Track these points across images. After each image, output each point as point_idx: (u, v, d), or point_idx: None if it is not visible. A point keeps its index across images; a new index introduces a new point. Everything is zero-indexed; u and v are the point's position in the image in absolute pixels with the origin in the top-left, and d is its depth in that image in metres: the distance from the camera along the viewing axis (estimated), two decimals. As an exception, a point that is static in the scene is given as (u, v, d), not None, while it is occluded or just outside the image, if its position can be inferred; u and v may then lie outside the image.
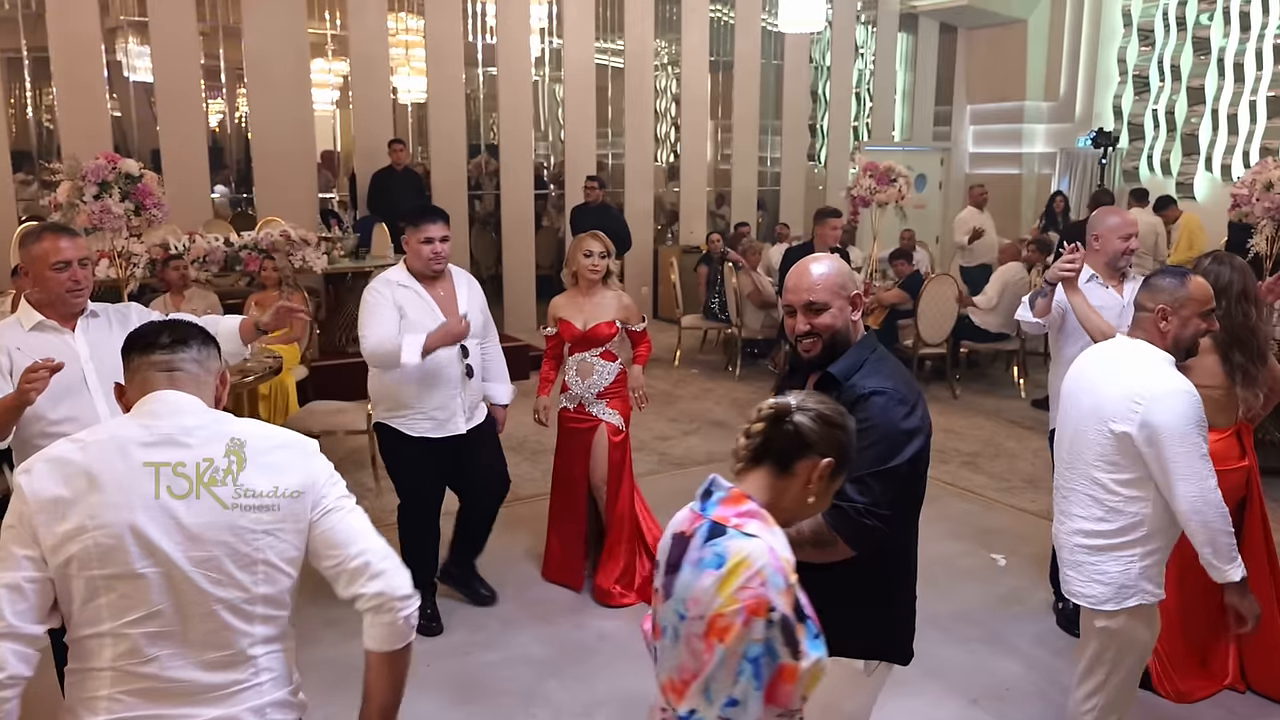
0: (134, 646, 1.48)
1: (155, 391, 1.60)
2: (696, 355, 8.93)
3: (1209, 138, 10.39)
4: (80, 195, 4.69)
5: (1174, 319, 2.48)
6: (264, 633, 1.58)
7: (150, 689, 1.49)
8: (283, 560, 1.59)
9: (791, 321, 2.05)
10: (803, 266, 2.06)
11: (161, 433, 1.55)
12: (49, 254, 2.53)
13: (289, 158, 8.72)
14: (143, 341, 1.64)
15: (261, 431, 1.66)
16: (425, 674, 3.55)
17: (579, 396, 4.11)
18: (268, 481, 1.58)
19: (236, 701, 1.54)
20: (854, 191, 8.01)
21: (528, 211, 10.02)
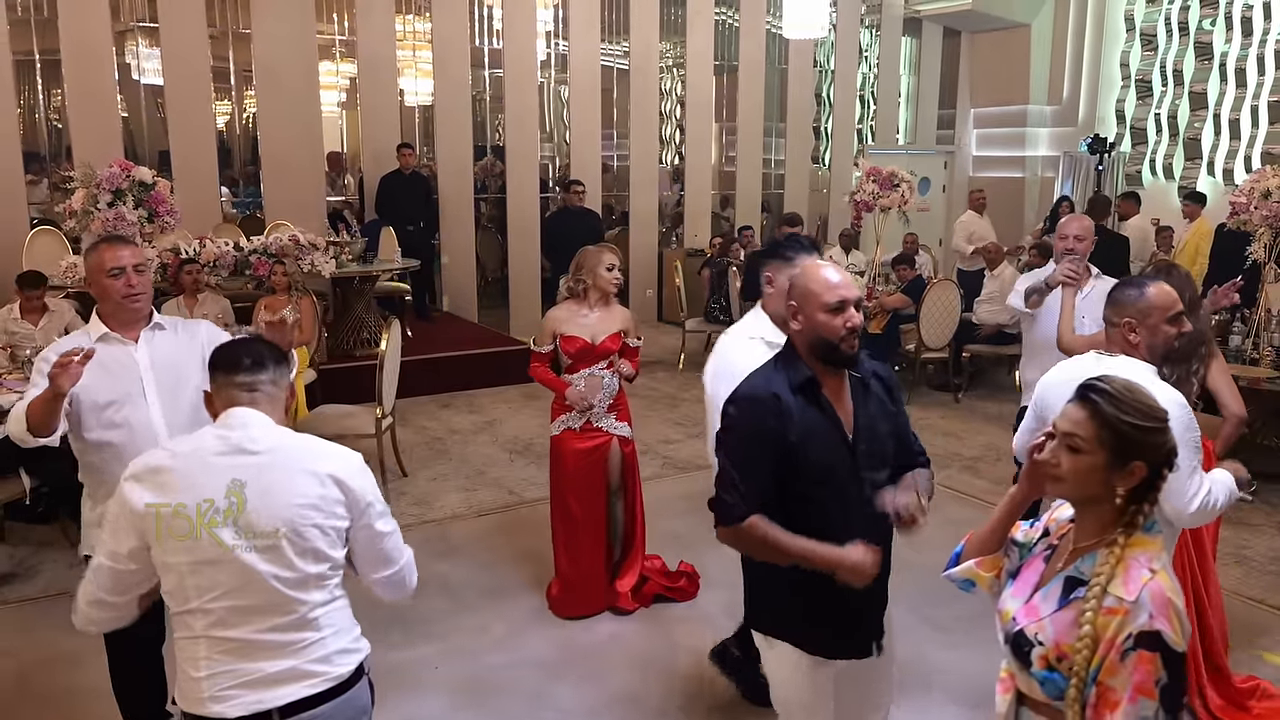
0: (218, 619, 1.82)
1: (234, 409, 1.92)
2: (701, 358, 8.97)
3: (1211, 142, 10.42)
4: (95, 202, 4.78)
5: (1142, 330, 2.54)
6: (320, 598, 1.88)
7: (233, 649, 1.83)
8: (328, 547, 1.88)
9: (844, 316, 2.07)
10: (834, 270, 2.15)
11: (232, 443, 1.87)
12: (105, 262, 2.60)
13: (297, 160, 8.79)
14: (226, 364, 1.95)
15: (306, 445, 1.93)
16: (433, 676, 3.62)
17: (587, 413, 4.01)
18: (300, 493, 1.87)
19: (305, 654, 1.86)
20: (857, 196, 8.07)
21: (533, 214, 10.08)
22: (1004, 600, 1.75)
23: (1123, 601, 1.52)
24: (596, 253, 4.00)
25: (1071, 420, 1.62)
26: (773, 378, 2.14)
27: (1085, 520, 1.66)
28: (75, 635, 3.78)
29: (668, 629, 3.98)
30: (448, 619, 4.03)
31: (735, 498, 2.11)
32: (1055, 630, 1.59)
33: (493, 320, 9.84)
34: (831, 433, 2.12)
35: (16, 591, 4.27)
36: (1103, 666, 1.51)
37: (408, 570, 2.05)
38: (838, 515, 2.12)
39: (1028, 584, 1.72)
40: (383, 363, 5.33)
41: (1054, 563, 1.70)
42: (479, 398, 7.58)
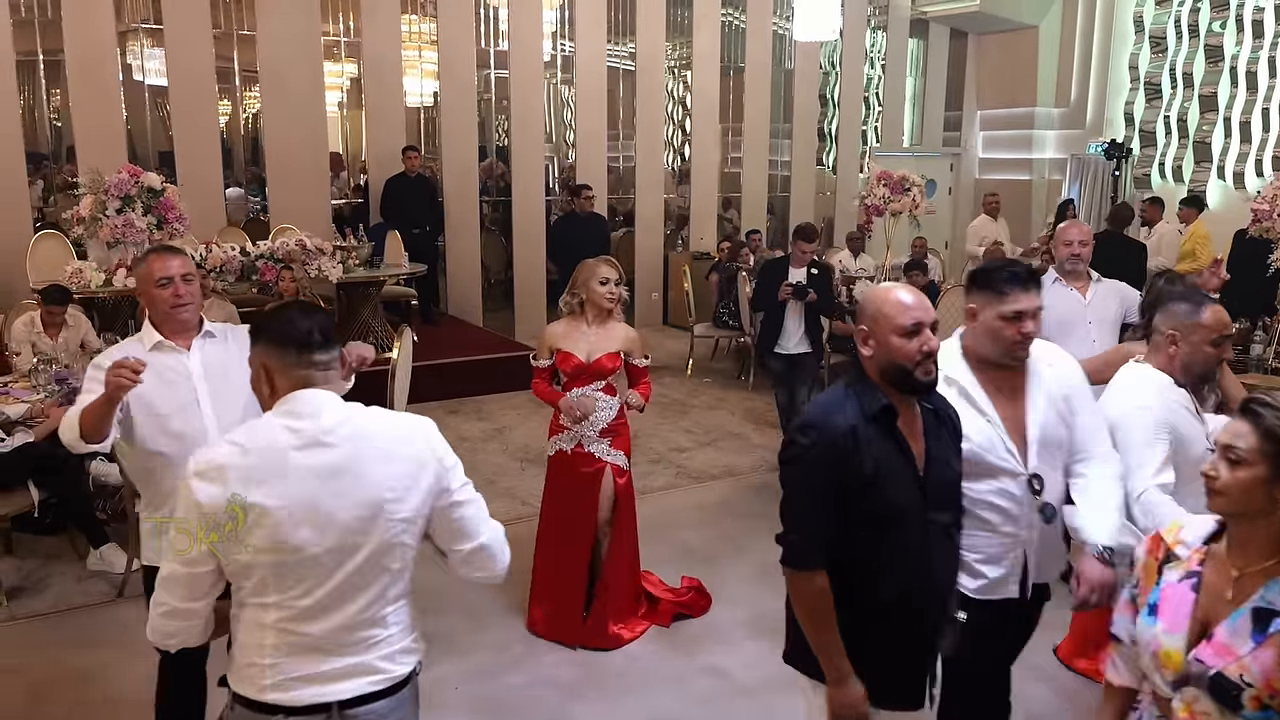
0: (295, 614, 1.77)
1: (299, 392, 1.81)
2: (709, 364, 8.93)
3: (1221, 145, 10.36)
4: (103, 209, 4.71)
5: (1183, 344, 2.58)
6: (393, 593, 1.84)
7: (304, 643, 1.78)
8: (409, 538, 1.84)
9: (920, 340, 1.96)
10: (908, 291, 2.06)
11: (307, 436, 1.77)
12: (155, 272, 2.61)
13: (302, 163, 8.70)
14: (297, 341, 1.82)
15: (382, 428, 1.84)
16: (452, 697, 3.56)
17: (579, 435, 3.84)
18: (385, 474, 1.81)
19: (372, 651, 1.82)
20: (868, 200, 8.03)
21: (539, 216, 10.01)
22: (1156, 638, 1.65)
23: None
24: (591, 266, 3.84)
25: (1232, 432, 1.61)
26: (846, 405, 2.00)
27: (1249, 540, 1.61)
28: (85, 651, 3.78)
29: (687, 648, 3.92)
30: (467, 636, 3.97)
31: (802, 538, 1.99)
32: (1263, 669, 1.52)
33: (497, 324, 9.76)
34: (905, 468, 2.00)
35: (25, 606, 4.20)
36: None
37: (494, 547, 1.92)
38: (903, 554, 2.00)
39: (1180, 617, 1.63)
40: (394, 372, 5.25)
41: (1215, 591, 1.62)
42: (487, 404, 7.51)
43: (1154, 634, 1.65)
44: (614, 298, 3.83)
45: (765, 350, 6.03)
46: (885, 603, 2.01)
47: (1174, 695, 1.61)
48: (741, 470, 5.97)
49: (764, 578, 4.43)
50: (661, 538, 4.97)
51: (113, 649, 3.81)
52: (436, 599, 4.18)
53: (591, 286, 3.79)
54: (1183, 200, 8.83)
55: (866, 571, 1.99)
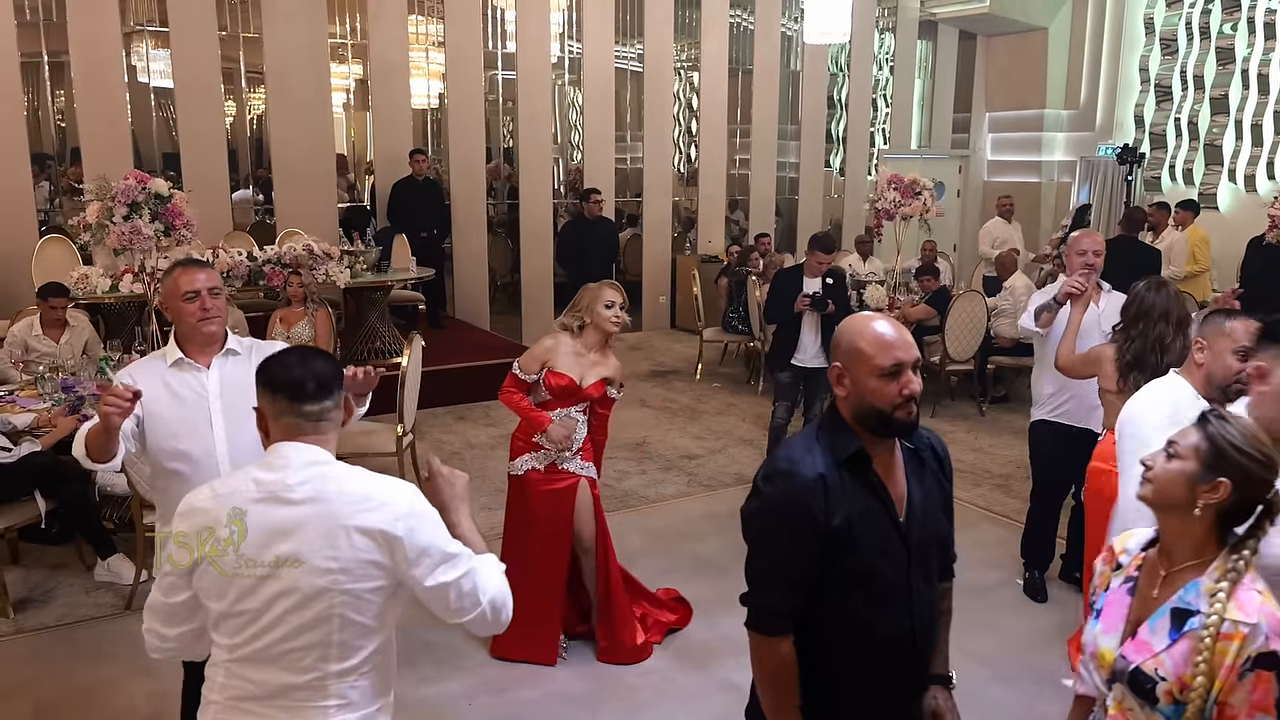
0: (241, 658, 1.78)
1: (279, 445, 1.80)
2: (717, 368, 8.87)
3: (1232, 148, 10.28)
4: (110, 215, 4.66)
5: (1208, 352, 2.62)
6: (338, 668, 1.76)
7: (244, 690, 1.78)
8: (357, 613, 1.76)
9: (900, 382, 1.78)
10: (888, 324, 1.86)
11: (268, 490, 1.76)
12: (180, 286, 2.57)
13: (309, 165, 8.66)
14: (287, 390, 1.79)
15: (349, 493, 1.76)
16: (466, 712, 3.51)
17: (553, 455, 3.75)
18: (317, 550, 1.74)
19: (308, 715, 1.76)
20: (878, 204, 7.95)
21: (546, 219, 9.95)
22: (1095, 639, 1.75)
23: (1239, 625, 1.57)
24: (596, 290, 3.78)
25: (1180, 433, 1.71)
26: (814, 449, 1.82)
27: (1174, 542, 1.70)
28: (93, 666, 3.73)
29: (702, 661, 3.86)
30: (477, 651, 3.91)
31: (769, 600, 1.82)
32: (1175, 664, 1.61)
33: (504, 327, 9.71)
34: (883, 517, 1.82)
35: (32, 619, 4.15)
36: (1222, 688, 1.56)
37: (493, 612, 1.81)
38: (880, 609, 1.83)
39: (1117, 619, 1.73)
40: (403, 379, 5.21)
41: (1144, 592, 1.71)
42: (495, 409, 7.43)
43: (1094, 635, 1.76)
44: (619, 322, 3.76)
45: (779, 364, 5.79)
46: (862, 661, 1.86)
47: (1108, 693, 1.71)
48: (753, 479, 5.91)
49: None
50: (673, 548, 4.93)
51: (121, 664, 3.75)
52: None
53: (597, 310, 3.72)
54: (1179, 204, 8.75)
55: (840, 631, 1.84)
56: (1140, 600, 1.71)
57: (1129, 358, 3.41)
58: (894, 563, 1.83)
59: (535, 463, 3.76)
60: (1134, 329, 3.44)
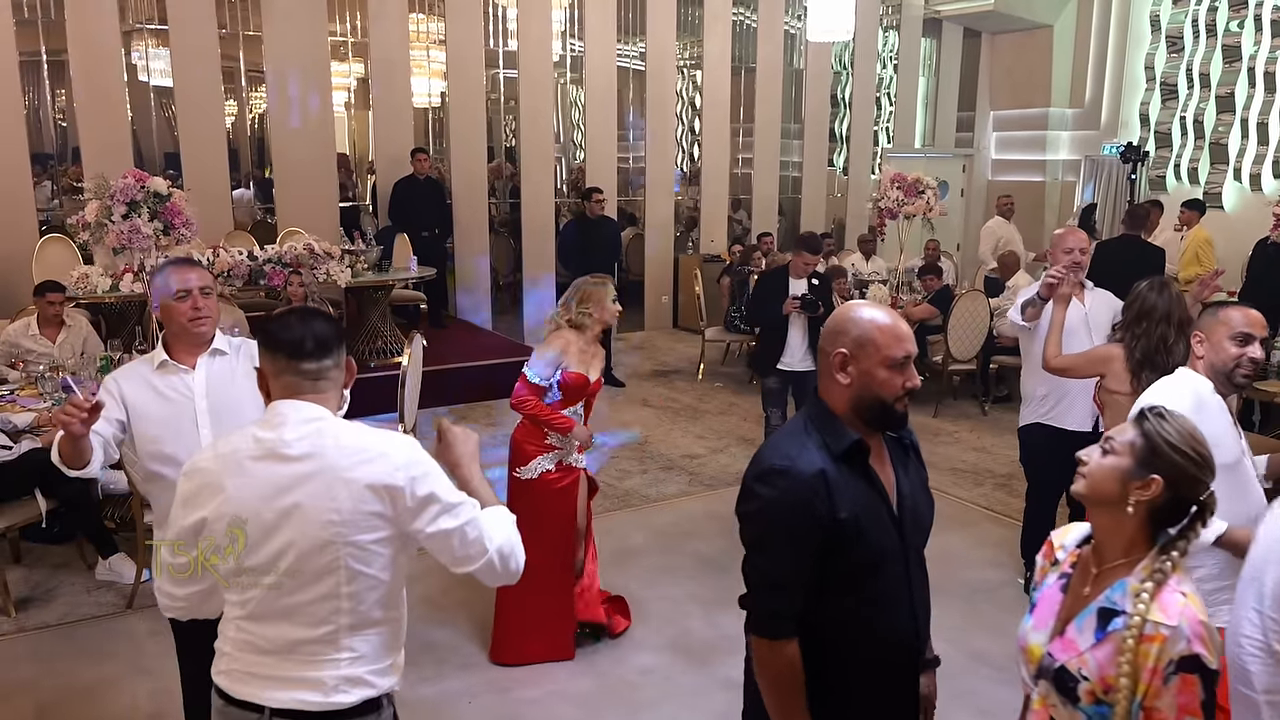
0: (249, 613, 1.81)
1: (278, 403, 1.82)
2: (719, 368, 8.84)
3: (1238, 146, 10.23)
4: (109, 214, 4.65)
5: (1206, 344, 2.60)
6: (348, 620, 1.79)
7: (254, 643, 1.81)
8: (364, 565, 1.78)
9: (908, 374, 1.80)
10: (891, 313, 1.86)
11: (266, 447, 1.78)
12: (172, 284, 2.55)
13: (309, 165, 8.64)
14: (288, 348, 1.81)
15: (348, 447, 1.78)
16: (467, 711, 3.50)
17: (562, 454, 3.76)
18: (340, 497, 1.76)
19: (315, 669, 1.79)
20: (881, 203, 7.94)
21: (548, 218, 9.93)
22: (1025, 635, 1.76)
23: (1159, 627, 1.55)
24: (600, 286, 3.80)
25: (1119, 429, 1.72)
26: (807, 444, 1.79)
27: (1105, 540, 1.70)
28: (94, 665, 3.72)
29: (703, 659, 3.85)
30: (477, 650, 3.90)
31: (773, 603, 1.79)
32: (1098, 664, 1.60)
33: (505, 327, 9.70)
34: (880, 507, 1.82)
35: (34, 618, 4.14)
36: (1147, 692, 1.55)
37: (501, 560, 1.82)
38: (884, 603, 1.83)
39: (1047, 615, 1.74)
40: (404, 378, 5.19)
41: (1076, 590, 1.72)
42: (497, 409, 7.43)
43: (1025, 631, 1.76)
44: (618, 313, 3.87)
45: (766, 369, 5.55)
46: (869, 656, 1.85)
47: (1034, 689, 1.72)
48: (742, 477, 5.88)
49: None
50: (675, 547, 4.91)
51: (122, 662, 3.75)
52: (442, 613, 4.12)
53: (607, 306, 3.77)
54: (1184, 203, 8.69)
55: (847, 627, 1.82)
56: (1072, 597, 1.72)
57: (1139, 356, 3.40)
58: (894, 555, 1.83)
59: (548, 463, 3.75)
60: (1137, 328, 3.42)
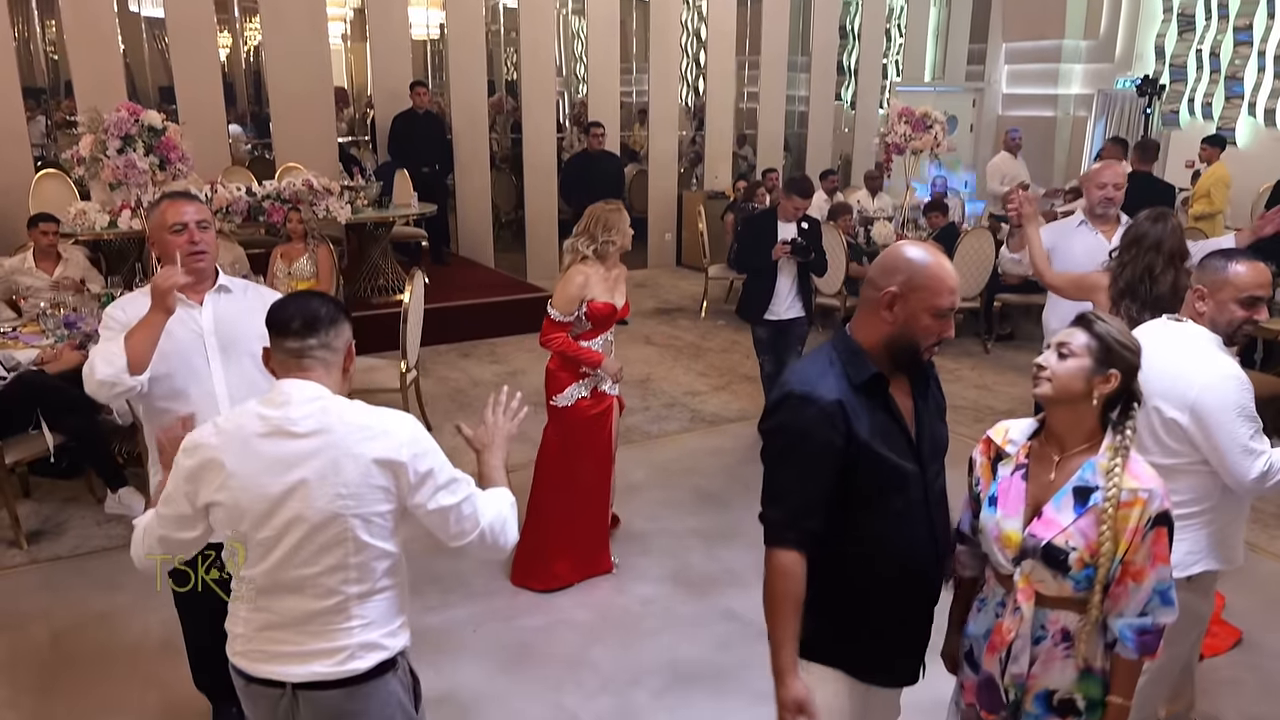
0: (260, 589, 1.86)
1: (281, 381, 1.86)
2: (722, 306, 8.80)
3: (1254, 80, 10.01)
4: (103, 149, 4.59)
5: (1210, 301, 2.46)
6: (358, 590, 1.85)
7: (268, 621, 1.86)
8: (371, 537, 1.84)
9: (946, 324, 1.84)
10: (949, 266, 1.85)
11: (273, 424, 1.81)
12: (168, 218, 2.52)
13: (306, 99, 8.47)
14: (276, 325, 1.87)
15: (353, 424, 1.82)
16: (471, 639, 3.57)
17: (597, 379, 3.85)
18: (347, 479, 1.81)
19: (331, 639, 1.85)
20: (888, 138, 7.81)
21: (550, 153, 9.79)
22: (997, 524, 1.90)
23: (1137, 493, 1.79)
24: (618, 212, 3.80)
25: (1065, 334, 1.90)
26: (829, 374, 1.84)
27: (1066, 429, 1.89)
28: (106, 595, 3.79)
29: (703, 591, 3.91)
30: (482, 580, 3.96)
31: (790, 516, 1.83)
32: (1084, 535, 1.80)
33: (509, 264, 9.65)
34: (899, 435, 1.88)
35: (46, 550, 4.21)
36: (1129, 549, 1.78)
37: (492, 534, 1.91)
38: (905, 524, 1.90)
39: (1016, 503, 1.90)
40: (406, 315, 5.19)
41: (1039, 478, 1.90)
42: (500, 346, 7.45)
43: (995, 521, 1.91)
44: (630, 237, 3.89)
45: (754, 317, 5.31)
46: (889, 575, 1.91)
47: (1014, 570, 1.87)
48: (756, 414, 5.89)
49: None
50: (675, 483, 4.95)
51: (134, 593, 3.81)
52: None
53: (626, 231, 3.79)
54: (1205, 139, 8.56)
55: (868, 546, 1.89)
56: (1038, 485, 1.89)
57: (1121, 285, 3.34)
58: (913, 478, 1.90)
59: (583, 391, 3.83)
60: (1125, 256, 3.39)
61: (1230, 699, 3.23)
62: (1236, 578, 2.27)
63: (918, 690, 2.13)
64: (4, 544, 4.22)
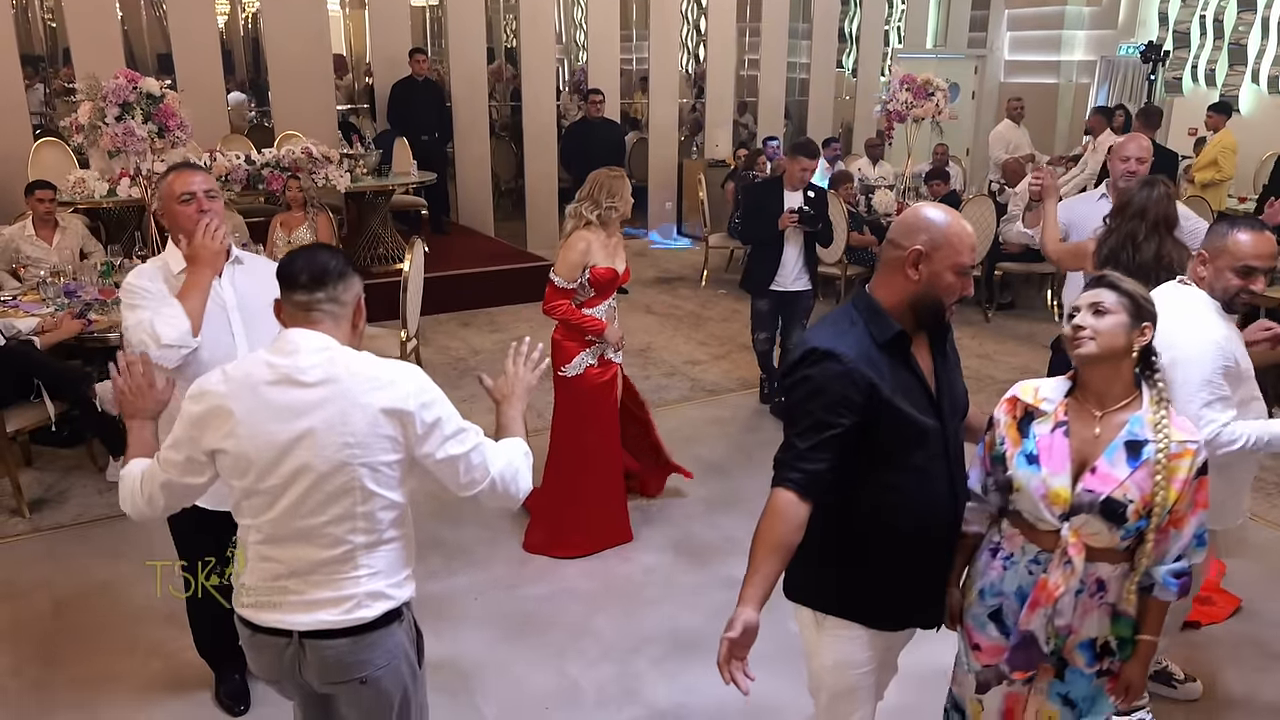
0: (266, 537, 1.86)
1: (288, 331, 1.87)
2: (723, 275, 8.79)
3: (1258, 47, 9.92)
4: (101, 116, 4.56)
5: (1209, 267, 2.50)
6: (364, 539, 1.85)
7: (274, 570, 1.86)
8: (379, 486, 1.84)
9: (964, 282, 1.90)
10: (967, 224, 1.92)
11: (281, 373, 1.82)
12: (176, 188, 2.53)
13: (305, 66, 8.39)
14: (286, 279, 1.87)
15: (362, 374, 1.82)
16: (473, 607, 3.60)
17: (603, 347, 3.87)
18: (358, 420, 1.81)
19: (337, 588, 1.85)
20: (889, 105, 7.76)
21: (550, 122, 9.72)
22: (1044, 482, 1.91)
23: (1185, 444, 1.86)
24: (620, 179, 3.80)
25: (1094, 294, 1.94)
26: (848, 332, 1.90)
27: (1105, 385, 1.92)
28: (108, 563, 3.82)
29: (704, 559, 3.94)
30: (485, 548, 4.00)
31: (789, 455, 1.87)
32: (1139, 487, 1.85)
33: (508, 233, 9.61)
34: (921, 392, 1.93)
35: (48, 518, 4.24)
36: (1179, 499, 1.85)
37: (503, 483, 1.92)
38: (926, 478, 1.94)
39: (1062, 459, 1.91)
40: (406, 284, 5.17)
41: (1082, 434, 1.92)
42: (500, 315, 7.45)
43: (1040, 479, 1.92)
44: (631, 205, 3.89)
45: (757, 290, 5.24)
46: (911, 529, 1.96)
47: (1063, 526, 1.89)
48: (755, 383, 5.91)
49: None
50: (676, 451, 4.92)
51: (136, 561, 3.84)
52: (451, 511, 4.20)
53: (626, 197, 3.78)
54: (1211, 106, 8.49)
55: (891, 499, 1.93)
56: (1079, 441, 1.92)
57: (1105, 252, 3.37)
58: (934, 434, 1.94)
59: (590, 358, 3.85)
60: (1113, 223, 3.40)
61: (1230, 667, 3.27)
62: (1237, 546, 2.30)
63: (909, 655, 2.16)
64: (6, 513, 4.25)
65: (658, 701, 3.09)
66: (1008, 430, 2.00)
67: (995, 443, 2.03)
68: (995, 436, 2.03)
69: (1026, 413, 1.99)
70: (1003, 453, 2.00)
